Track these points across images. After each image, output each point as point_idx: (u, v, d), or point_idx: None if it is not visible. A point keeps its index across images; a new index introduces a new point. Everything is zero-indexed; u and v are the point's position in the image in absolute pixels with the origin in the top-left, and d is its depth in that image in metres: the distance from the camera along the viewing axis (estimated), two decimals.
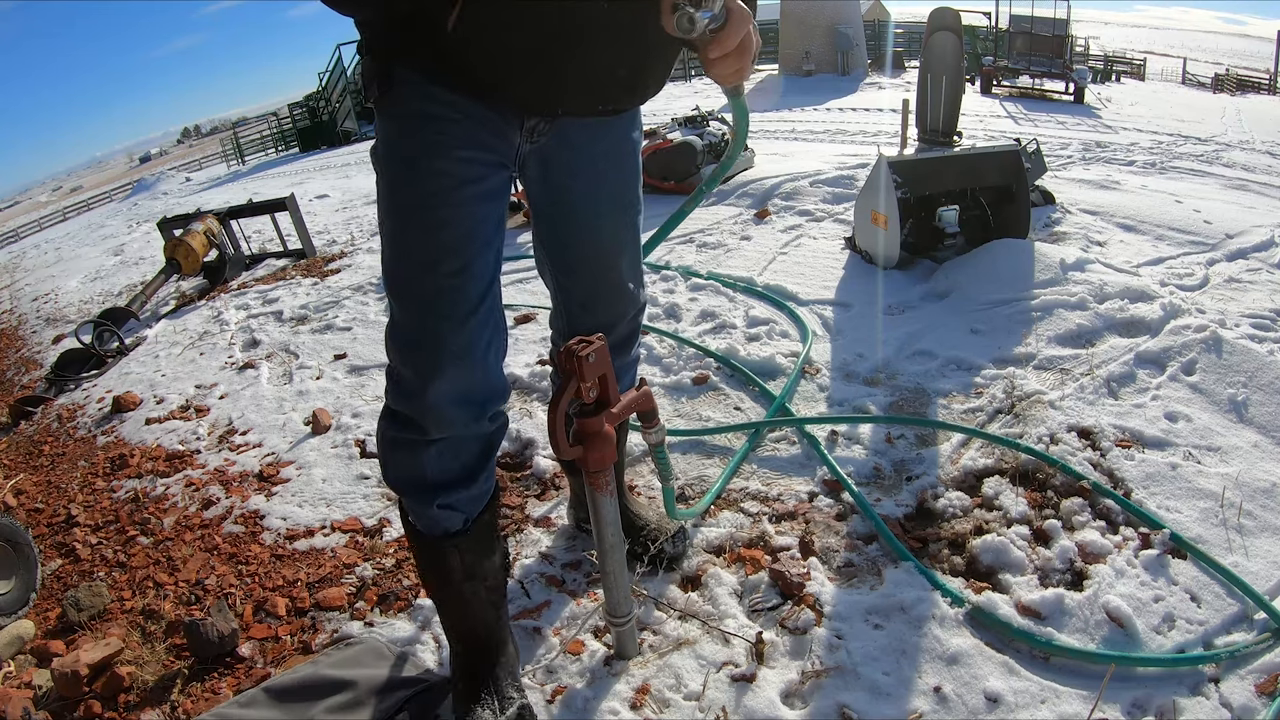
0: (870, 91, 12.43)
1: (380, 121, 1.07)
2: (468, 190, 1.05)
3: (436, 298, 1.04)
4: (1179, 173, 5.51)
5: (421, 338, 1.05)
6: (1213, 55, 34.15)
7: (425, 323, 1.04)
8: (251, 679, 1.50)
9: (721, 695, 1.27)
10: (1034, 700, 1.22)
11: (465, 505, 1.16)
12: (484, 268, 1.07)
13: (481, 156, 1.06)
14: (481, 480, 1.17)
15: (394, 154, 1.06)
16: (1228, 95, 15.71)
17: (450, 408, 1.07)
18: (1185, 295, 2.70)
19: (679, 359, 2.54)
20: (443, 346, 1.04)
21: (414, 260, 1.05)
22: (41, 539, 2.22)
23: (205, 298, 4.60)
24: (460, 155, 1.04)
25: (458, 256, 1.04)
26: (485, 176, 1.07)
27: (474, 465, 1.14)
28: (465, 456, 1.13)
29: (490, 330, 1.09)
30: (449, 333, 1.04)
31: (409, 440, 1.10)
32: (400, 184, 1.06)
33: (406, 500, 1.18)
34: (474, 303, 1.06)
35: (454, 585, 1.20)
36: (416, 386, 1.05)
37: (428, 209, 1.04)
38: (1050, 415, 1.97)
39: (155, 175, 23.98)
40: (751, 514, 1.74)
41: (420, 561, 1.26)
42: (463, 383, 1.07)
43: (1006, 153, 3.15)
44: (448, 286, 1.04)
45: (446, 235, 1.03)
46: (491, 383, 1.11)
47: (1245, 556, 1.49)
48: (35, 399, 3.52)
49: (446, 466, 1.12)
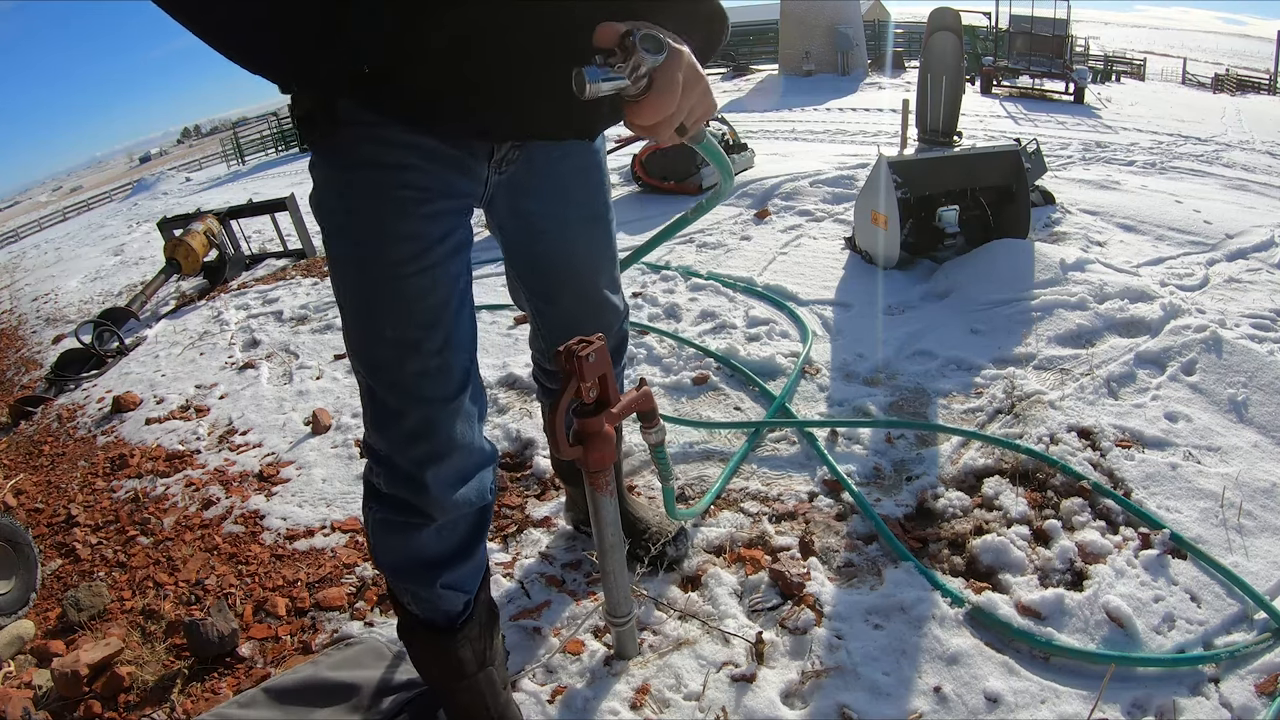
0: (870, 91, 12.43)
1: (324, 170, 0.90)
2: (438, 251, 0.92)
3: (423, 381, 0.93)
4: (1179, 173, 5.51)
5: (416, 427, 0.94)
6: (1213, 55, 34.16)
7: (416, 411, 0.94)
8: (251, 679, 1.50)
9: (721, 695, 1.27)
10: (1034, 700, 1.22)
11: (467, 581, 1.08)
12: (465, 333, 0.97)
13: (449, 206, 0.93)
14: (481, 551, 1.10)
15: (347, 217, 0.90)
16: (1228, 95, 15.71)
17: (455, 491, 0.99)
18: (1185, 295, 2.70)
19: (679, 359, 2.54)
20: (439, 433, 0.95)
21: (390, 343, 0.92)
22: (41, 539, 2.22)
23: (205, 298, 4.60)
24: (426, 212, 0.90)
25: (439, 329, 0.93)
26: (455, 228, 0.94)
27: (474, 536, 1.08)
28: (464, 529, 1.06)
29: (480, 398, 1.02)
30: (444, 418, 0.95)
31: (406, 524, 1.00)
32: (360, 255, 0.91)
33: (403, 584, 1.07)
34: (463, 376, 0.97)
35: (468, 678, 1.12)
36: (415, 474, 0.96)
37: (398, 280, 0.90)
38: (1050, 415, 1.97)
39: (155, 175, 23.98)
40: (751, 514, 1.74)
41: (423, 657, 1.15)
42: (463, 463, 0.99)
43: (1006, 153, 3.15)
44: (434, 367, 0.93)
45: (423, 309, 0.91)
46: (487, 453, 1.04)
47: (1245, 556, 1.49)
48: (35, 399, 3.52)
49: (447, 543, 1.04)
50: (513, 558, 1.70)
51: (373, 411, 0.97)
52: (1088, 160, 5.91)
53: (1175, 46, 40.33)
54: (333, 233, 0.93)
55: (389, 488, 0.99)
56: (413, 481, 0.96)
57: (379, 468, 1.00)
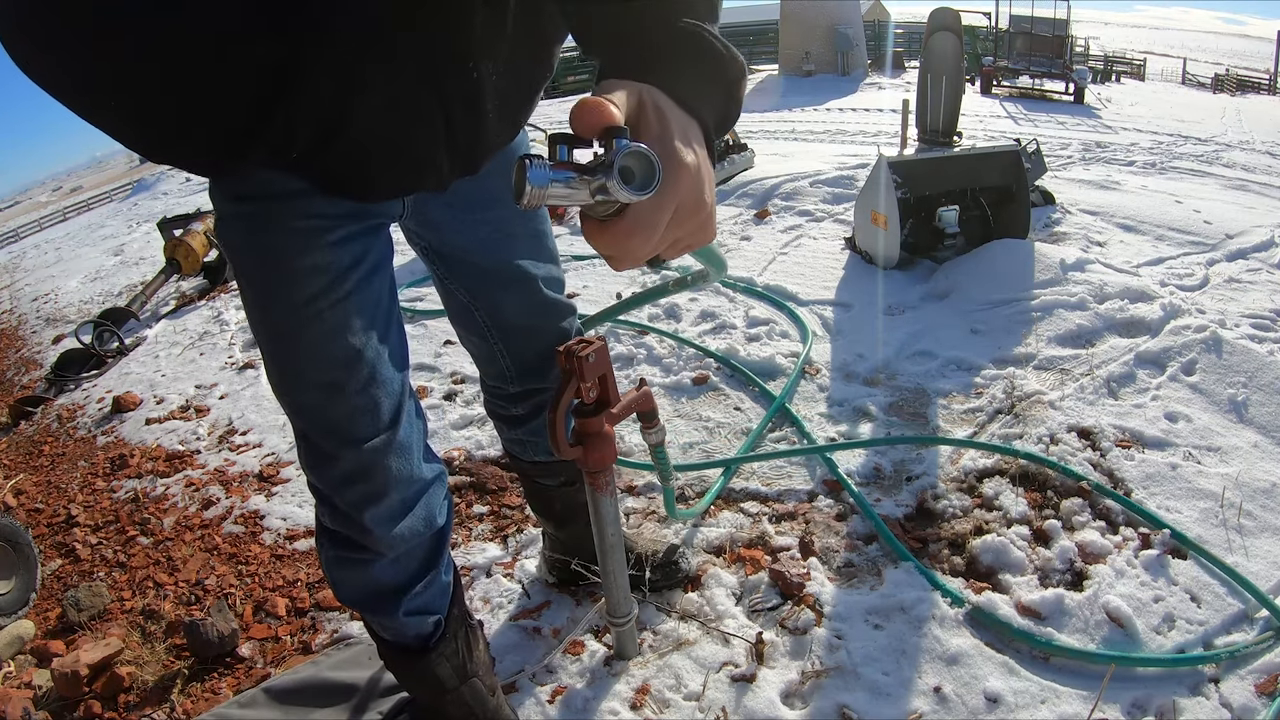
0: (870, 92, 12.42)
1: (219, 201, 0.82)
2: (352, 278, 0.83)
3: (351, 423, 0.87)
4: (1179, 173, 5.51)
5: (351, 470, 0.90)
6: (1213, 55, 34.17)
7: (349, 453, 0.89)
8: (251, 679, 1.50)
9: (721, 695, 1.27)
10: (1034, 700, 1.22)
11: (434, 603, 1.07)
12: (394, 357, 0.90)
13: (358, 229, 0.84)
14: (443, 570, 1.07)
15: (251, 252, 0.82)
16: (1228, 95, 15.71)
17: (396, 525, 0.95)
18: (1185, 295, 2.70)
19: (679, 359, 2.54)
20: (375, 473, 0.91)
21: (311, 385, 0.86)
22: (41, 539, 2.22)
23: (205, 298, 4.60)
24: (333, 239, 0.81)
25: (362, 364, 0.85)
26: (368, 249, 0.85)
27: (430, 561, 1.05)
28: (421, 555, 1.03)
29: (416, 423, 0.96)
30: (377, 457, 0.90)
31: (357, 559, 0.98)
32: (268, 296, 0.83)
33: (368, 616, 1.07)
34: (394, 409, 0.91)
35: (451, 692, 1.13)
36: (356, 513, 0.92)
37: (311, 320, 0.82)
38: (1050, 415, 1.97)
39: (155, 175, 23.94)
40: (751, 514, 1.74)
41: (404, 678, 1.16)
42: (403, 495, 0.95)
43: (1006, 153, 3.15)
44: (361, 406, 0.87)
45: (341, 346, 0.84)
46: (428, 479, 0.99)
47: (1245, 557, 1.49)
48: (35, 399, 3.52)
49: (404, 571, 1.02)
50: (513, 558, 1.70)
51: (307, 453, 0.93)
52: (1088, 160, 5.90)
53: (1175, 46, 40.34)
54: (239, 271, 0.84)
55: (333, 525, 0.97)
56: (352, 521, 0.94)
57: (322, 506, 0.98)
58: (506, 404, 1.26)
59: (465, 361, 2.69)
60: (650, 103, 0.51)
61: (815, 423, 2.10)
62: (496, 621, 1.52)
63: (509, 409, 1.27)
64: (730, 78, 0.57)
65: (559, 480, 1.37)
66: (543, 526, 1.58)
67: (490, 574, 1.65)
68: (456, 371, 2.67)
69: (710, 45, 0.56)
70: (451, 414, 2.38)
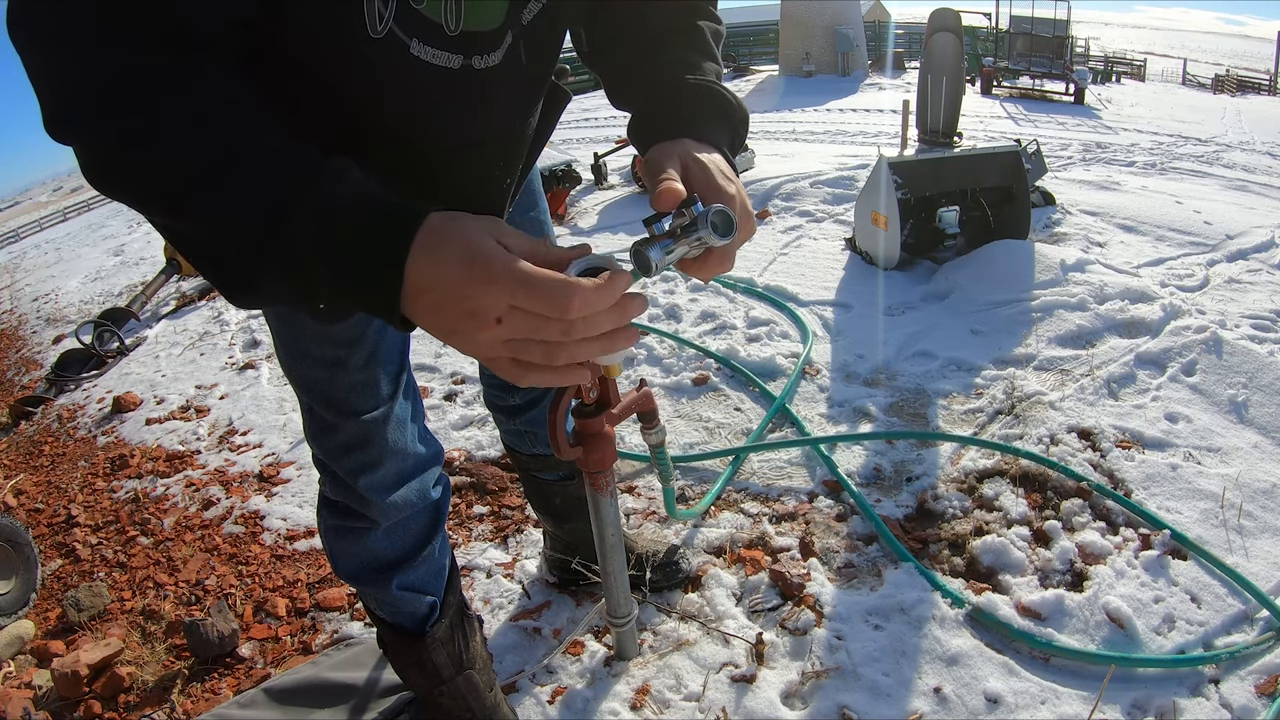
0: (870, 92, 12.42)
1: None
2: None
3: (352, 396, 0.94)
4: (1179, 174, 5.51)
5: (350, 440, 0.97)
6: (1213, 56, 34.17)
7: (349, 424, 0.96)
8: (251, 679, 1.50)
9: (721, 696, 1.27)
10: (1034, 701, 1.22)
11: (429, 583, 1.11)
12: (392, 339, 0.96)
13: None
14: (437, 551, 1.11)
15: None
16: (1228, 96, 15.70)
17: (395, 494, 1.01)
18: (1185, 296, 2.70)
19: (679, 359, 2.54)
20: (373, 443, 0.97)
21: (314, 360, 0.92)
22: (41, 539, 2.22)
23: (205, 298, 4.60)
24: None
25: (363, 344, 0.91)
26: None
27: (425, 537, 1.09)
28: (415, 529, 1.08)
29: (413, 401, 1.03)
30: (375, 428, 0.96)
31: (355, 529, 1.04)
32: None
33: (365, 590, 1.11)
34: (392, 385, 0.97)
35: (446, 682, 1.15)
36: (353, 480, 0.99)
37: None
38: (1050, 416, 1.97)
39: None
40: (751, 514, 1.74)
41: (400, 663, 1.18)
42: (399, 468, 1.01)
43: (1007, 153, 3.15)
44: (361, 381, 0.93)
45: (345, 325, 0.89)
46: (424, 456, 1.05)
47: (1245, 557, 1.49)
48: (35, 399, 3.52)
49: (398, 544, 1.07)
50: (513, 558, 1.70)
51: (310, 423, 1.00)
52: (1088, 161, 5.90)
53: (1175, 47, 40.36)
54: None
55: (334, 494, 1.04)
56: (351, 490, 1.00)
57: (324, 475, 1.04)
58: (504, 394, 1.30)
59: (465, 362, 2.69)
60: (689, 156, 0.67)
61: (815, 423, 2.10)
62: (496, 622, 1.52)
63: (507, 399, 1.30)
64: (737, 119, 0.77)
65: (558, 474, 1.39)
66: (543, 525, 1.59)
67: (490, 574, 1.65)
68: (456, 372, 2.67)
69: (721, 97, 0.76)
70: (452, 414, 2.38)
